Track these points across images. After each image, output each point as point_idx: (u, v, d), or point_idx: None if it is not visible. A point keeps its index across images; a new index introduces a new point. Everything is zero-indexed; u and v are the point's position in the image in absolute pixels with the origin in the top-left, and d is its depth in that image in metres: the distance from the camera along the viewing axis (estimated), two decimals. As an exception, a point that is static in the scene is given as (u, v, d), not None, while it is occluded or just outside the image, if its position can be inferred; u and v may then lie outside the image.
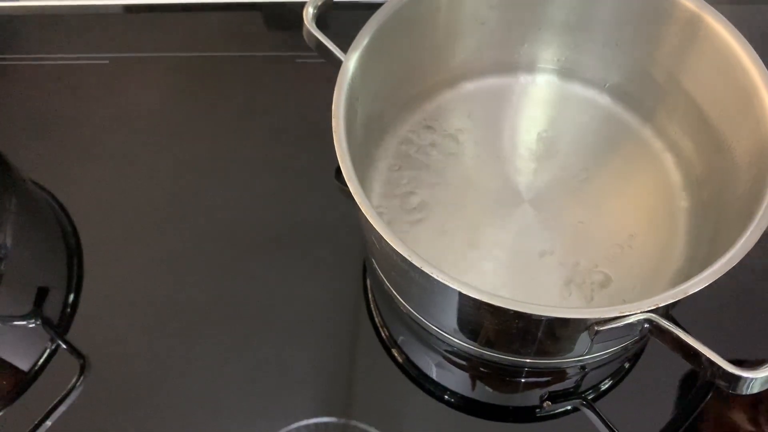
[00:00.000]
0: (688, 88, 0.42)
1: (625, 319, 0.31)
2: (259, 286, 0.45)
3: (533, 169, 0.45)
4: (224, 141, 0.51)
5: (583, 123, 0.47)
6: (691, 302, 0.38)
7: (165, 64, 0.55)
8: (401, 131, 0.46)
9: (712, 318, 0.42)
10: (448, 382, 0.42)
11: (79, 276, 0.46)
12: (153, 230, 0.47)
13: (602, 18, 0.44)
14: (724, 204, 0.39)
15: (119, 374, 0.42)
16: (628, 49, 0.44)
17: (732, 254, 0.32)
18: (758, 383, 0.30)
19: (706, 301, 0.41)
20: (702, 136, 0.42)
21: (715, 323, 0.42)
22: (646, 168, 0.45)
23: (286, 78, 0.54)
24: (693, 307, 0.38)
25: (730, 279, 0.43)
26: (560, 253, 0.42)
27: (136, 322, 0.44)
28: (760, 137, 0.36)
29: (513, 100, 0.48)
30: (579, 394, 0.41)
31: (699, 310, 0.39)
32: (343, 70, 0.36)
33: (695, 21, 0.39)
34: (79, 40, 0.57)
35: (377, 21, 0.39)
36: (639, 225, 0.43)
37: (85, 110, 0.53)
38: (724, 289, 0.42)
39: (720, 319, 0.43)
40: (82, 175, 0.50)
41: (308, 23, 0.39)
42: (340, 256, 0.46)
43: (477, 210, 0.43)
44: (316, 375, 0.42)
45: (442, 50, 0.45)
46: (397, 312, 0.44)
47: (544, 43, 0.47)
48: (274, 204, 0.48)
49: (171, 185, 0.49)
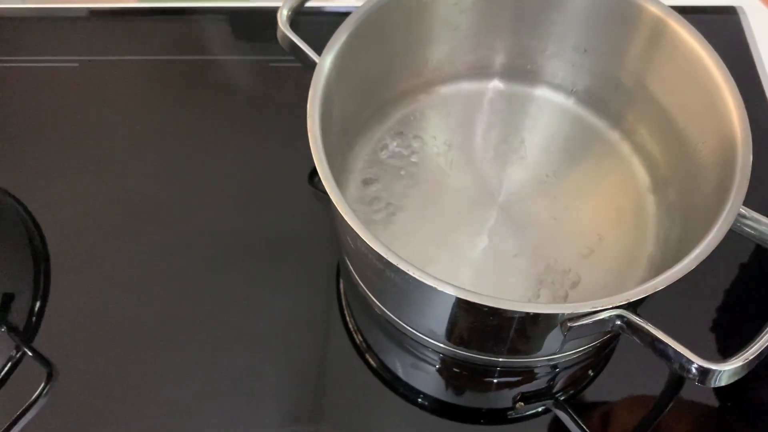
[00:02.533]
0: (655, 92, 0.43)
1: (597, 314, 0.32)
2: (230, 295, 0.44)
3: (505, 172, 0.45)
4: (196, 146, 0.51)
5: (552, 127, 0.47)
6: (661, 300, 0.39)
7: (136, 67, 0.55)
8: (375, 134, 0.46)
9: (682, 315, 0.43)
10: (422, 385, 0.42)
11: (46, 283, 0.45)
12: (122, 238, 0.47)
13: (571, 25, 0.45)
14: (691, 204, 0.40)
15: (86, 383, 0.41)
16: (596, 54, 0.45)
17: (699, 251, 0.33)
18: (725, 375, 0.30)
19: (676, 299, 0.42)
20: (669, 138, 0.42)
21: (684, 320, 0.43)
22: (614, 170, 0.45)
23: (260, 82, 0.54)
24: (663, 304, 0.39)
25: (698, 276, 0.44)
26: (532, 254, 0.42)
27: (104, 331, 0.43)
28: (723, 138, 0.37)
29: (485, 105, 0.48)
30: (551, 395, 0.42)
31: (669, 307, 0.40)
32: (318, 69, 0.37)
33: (661, 26, 0.40)
34: (47, 43, 0.56)
35: (351, 24, 0.39)
36: (608, 226, 0.43)
37: (53, 114, 0.52)
38: (693, 286, 0.43)
39: (689, 316, 0.43)
40: (50, 181, 0.49)
41: (282, 25, 0.39)
42: (313, 261, 0.46)
43: (450, 212, 0.44)
44: (289, 384, 0.41)
45: (416, 54, 0.46)
46: (371, 315, 0.44)
47: (516, 49, 0.47)
48: (246, 209, 0.48)
49: (140, 192, 0.49)
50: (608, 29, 0.43)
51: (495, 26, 0.46)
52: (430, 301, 0.35)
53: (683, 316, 0.43)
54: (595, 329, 0.33)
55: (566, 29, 0.45)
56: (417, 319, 0.40)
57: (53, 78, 0.54)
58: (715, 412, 0.41)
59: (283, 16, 0.40)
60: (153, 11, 0.58)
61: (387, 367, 0.42)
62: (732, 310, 0.44)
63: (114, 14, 0.59)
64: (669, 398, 0.41)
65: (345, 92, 0.41)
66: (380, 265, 0.34)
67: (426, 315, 0.38)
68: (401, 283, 0.34)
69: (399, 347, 0.43)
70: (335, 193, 0.33)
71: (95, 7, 0.58)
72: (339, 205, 0.33)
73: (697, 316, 0.44)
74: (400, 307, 0.40)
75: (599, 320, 0.32)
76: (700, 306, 0.44)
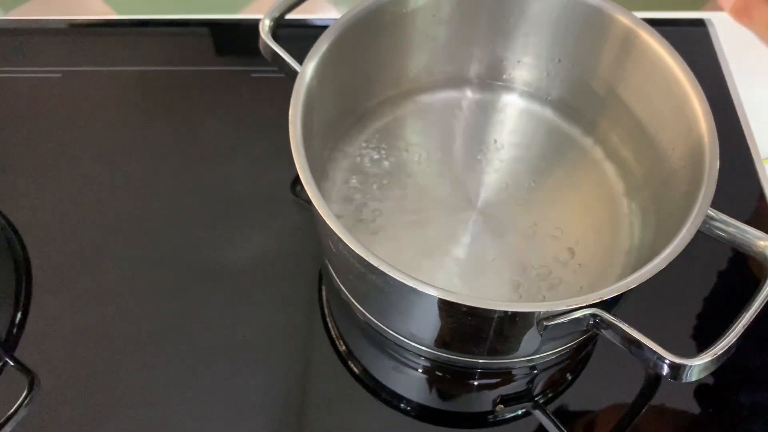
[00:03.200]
0: (626, 100, 0.44)
1: (572, 314, 0.32)
2: (213, 306, 0.45)
3: (483, 178, 0.46)
4: (178, 155, 0.51)
5: (528, 134, 0.48)
6: (639, 303, 0.40)
7: (119, 78, 0.55)
8: (356, 142, 0.47)
9: (658, 316, 0.44)
10: (404, 390, 0.43)
11: (27, 293, 0.45)
12: (103, 249, 0.47)
13: (545, 36, 0.46)
14: (663, 208, 0.41)
15: (68, 393, 0.41)
16: (570, 64, 0.46)
17: (669, 251, 0.33)
18: (696, 370, 0.31)
19: (652, 301, 0.43)
20: (641, 144, 0.44)
21: (660, 321, 0.44)
22: (589, 176, 0.46)
23: (242, 92, 0.54)
24: (640, 307, 0.40)
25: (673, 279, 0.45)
26: (510, 258, 0.43)
27: (85, 342, 0.43)
28: (692, 143, 0.38)
29: (463, 114, 0.49)
30: (530, 398, 0.42)
31: (646, 309, 0.41)
32: (300, 78, 0.37)
33: (631, 36, 0.41)
34: (30, 54, 0.56)
35: (332, 34, 0.40)
36: (584, 230, 0.44)
37: (36, 124, 0.52)
38: (668, 289, 0.45)
39: (665, 317, 0.44)
40: (31, 191, 0.49)
41: (264, 35, 0.40)
42: (296, 271, 0.46)
43: (430, 218, 0.45)
44: (273, 397, 0.41)
45: (395, 64, 0.47)
46: (354, 321, 0.44)
47: (492, 60, 0.48)
48: (229, 220, 0.48)
49: (122, 203, 0.49)
50: (581, 39, 0.44)
51: (471, 37, 0.47)
52: (411, 303, 0.36)
53: (659, 318, 0.44)
54: (570, 328, 0.33)
55: (540, 40, 0.46)
56: (398, 323, 0.40)
57: (36, 88, 0.54)
58: (697, 418, 0.42)
59: (265, 26, 0.41)
60: (135, 23, 0.59)
61: (370, 373, 0.43)
62: (705, 311, 0.45)
63: (97, 26, 0.59)
64: (646, 401, 0.42)
65: (326, 101, 0.41)
66: (361, 267, 0.35)
67: (407, 318, 0.38)
68: (382, 285, 0.35)
69: (382, 353, 0.44)
70: (317, 196, 0.34)
71: (75, 19, 0.58)
72: (320, 209, 0.33)
73: (673, 318, 0.45)
74: (381, 310, 0.41)
75: (574, 319, 0.33)
76: (675, 308, 0.45)
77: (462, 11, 0.45)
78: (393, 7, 0.43)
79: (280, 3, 0.41)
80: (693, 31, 0.59)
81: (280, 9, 0.41)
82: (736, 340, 0.32)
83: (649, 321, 0.34)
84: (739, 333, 0.32)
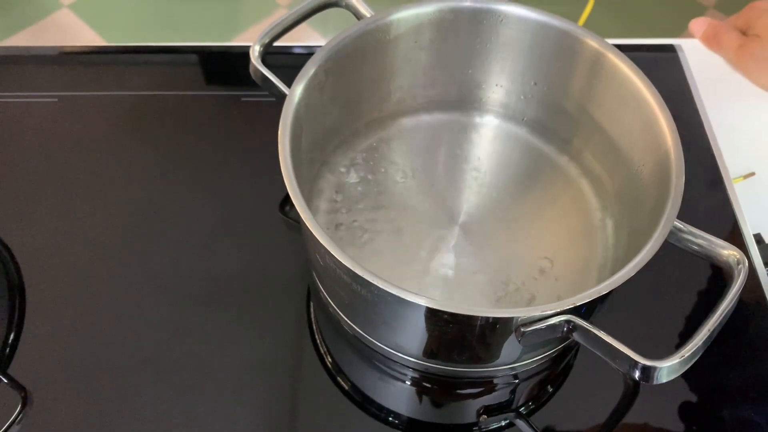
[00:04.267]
0: (598, 119, 0.46)
1: (548, 320, 0.34)
2: (203, 326, 0.45)
3: (464, 196, 0.48)
4: (171, 178, 0.52)
5: (506, 153, 0.50)
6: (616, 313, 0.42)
7: (113, 103, 0.56)
8: (342, 163, 0.49)
9: (632, 324, 0.46)
10: (391, 402, 0.44)
11: (20, 313, 0.46)
12: (95, 271, 0.48)
13: (521, 60, 0.47)
14: (635, 222, 0.42)
15: (61, 409, 0.42)
16: (545, 86, 0.48)
17: (637, 260, 0.35)
18: (665, 372, 0.33)
19: (627, 309, 0.45)
20: (612, 161, 0.45)
21: (635, 328, 0.45)
22: (564, 192, 0.48)
23: (232, 116, 0.56)
24: (615, 315, 0.42)
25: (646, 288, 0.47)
26: (490, 272, 0.45)
27: (78, 360, 0.44)
28: (660, 159, 0.40)
29: (444, 134, 0.51)
30: (513, 409, 0.44)
31: (620, 317, 0.43)
32: (289, 99, 0.39)
33: (600, 58, 0.43)
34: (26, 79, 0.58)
35: (319, 59, 0.42)
36: (561, 244, 0.46)
37: (31, 148, 0.54)
38: (637, 296, 0.46)
39: (639, 325, 0.46)
40: (25, 213, 0.50)
41: (255, 60, 0.42)
42: (283, 288, 0.47)
43: (414, 234, 0.46)
44: (262, 415, 0.42)
45: (379, 88, 0.48)
46: (342, 336, 0.45)
47: (471, 83, 0.50)
48: (219, 241, 0.49)
49: (116, 226, 0.50)
50: (554, 63, 0.46)
51: (451, 62, 0.48)
52: (397, 313, 0.37)
53: (635, 326, 0.46)
54: (548, 334, 0.35)
55: (516, 64, 0.48)
56: (385, 334, 0.41)
57: (30, 112, 0.56)
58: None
59: (255, 51, 0.42)
60: (128, 50, 0.61)
61: (358, 388, 0.44)
62: (679, 318, 0.47)
63: (91, 53, 0.61)
64: (626, 409, 0.44)
65: (313, 122, 0.43)
66: (348, 279, 0.36)
67: (393, 328, 0.40)
68: (369, 296, 0.36)
69: (370, 366, 0.45)
70: (305, 210, 0.35)
71: (66, 46, 0.60)
72: (308, 222, 0.35)
73: (649, 325, 0.46)
74: (368, 322, 0.42)
75: (550, 325, 0.34)
76: (650, 316, 0.47)
77: (442, 38, 0.47)
78: (377, 34, 0.45)
79: (270, 30, 0.43)
80: (664, 56, 0.61)
81: (270, 35, 0.43)
82: (702, 343, 0.34)
83: (626, 330, 0.36)
84: (704, 337, 0.34)
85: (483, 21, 0.46)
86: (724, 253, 0.37)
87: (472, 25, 0.46)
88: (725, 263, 0.37)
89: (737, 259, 0.36)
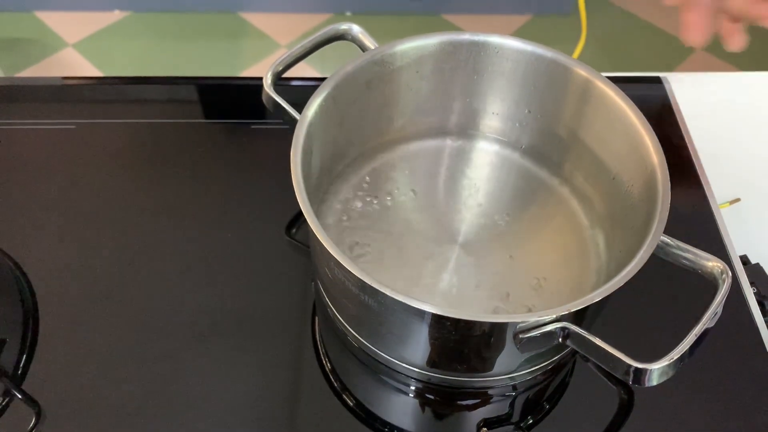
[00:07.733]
0: (588, 142, 0.48)
1: (544, 327, 0.36)
2: (210, 345, 0.47)
3: (463, 217, 0.50)
4: (184, 205, 0.55)
5: (503, 177, 0.53)
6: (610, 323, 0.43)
7: (127, 130, 0.59)
8: (348, 185, 0.51)
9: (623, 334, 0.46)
10: (395, 417, 0.46)
11: (35, 330, 0.48)
12: (106, 293, 0.49)
13: (516, 89, 0.50)
14: (625, 238, 0.44)
15: (73, 424, 0.44)
16: (538, 113, 0.50)
17: (627, 271, 0.37)
18: (655, 374, 0.35)
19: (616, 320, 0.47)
20: (603, 182, 0.48)
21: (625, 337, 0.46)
22: (557, 212, 0.50)
23: (244, 142, 0.59)
24: (609, 325, 0.44)
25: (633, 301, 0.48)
26: (489, 287, 0.47)
27: (90, 376, 0.45)
28: (646, 178, 0.42)
29: (444, 159, 0.53)
30: (514, 422, 0.45)
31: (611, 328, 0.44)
32: (300, 123, 0.42)
33: (589, 86, 0.46)
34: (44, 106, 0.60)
35: (327, 87, 0.44)
36: (556, 261, 0.48)
37: (44, 173, 0.56)
38: (629, 309, 0.48)
39: (628, 335, 0.47)
40: (39, 236, 0.52)
41: (267, 88, 0.45)
42: (289, 308, 0.49)
43: (416, 252, 0.48)
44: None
45: (382, 115, 0.51)
46: (347, 352, 0.47)
47: (469, 111, 0.53)
48: (226, 260, 0.51)
49: (127, 249, 0.52)
50: (546, 92, 0.49)
51: (451, 91, 0.51)
52: (403, 321, 0.39)
53: (629, 335, 0.47)
54: (545, 341, 0.37)
55: (512, 93, 0.50)
56: (390, 344, 0.43)
57: (48, 139, 0.58)
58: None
59: (268, 79, 0.45)
60: (139, 80, 0.64)
61: (362, 404, 0.46)
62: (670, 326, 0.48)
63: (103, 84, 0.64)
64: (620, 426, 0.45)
65: (321, 146, 0.45)
66: (356, 289, 0.38)
67: (399, 338, 0.42)
68: (376, 306, 0.38)
69: (374, 380, 0.46)
70: (315, 224, 0.37)
71: (69, 76, 0.63)
72: (319, 234, 0.37)
73: (642, 333, 0.48)
74: (374, 333, 0.44)
75: (547, 332, 0.36)
76: (643, 325, 0.49)
77: (442, 68, 0.49)
78: (381, 65, 0.47)
79: (282, 59, 0.46)
80: (651, 87, 0.64)
81: (282, 64, 0.45)
82: (690, 348, 0.36)
83: (620, 339, 0.37)
84: (691, 342, 0.36)
85: (480, 53, 0.49)
86: (709, 264, 0.39)
87: (470, 56, 0.49)
88: (710, 274, 0.39)
89: (721, 269, 0.38)
